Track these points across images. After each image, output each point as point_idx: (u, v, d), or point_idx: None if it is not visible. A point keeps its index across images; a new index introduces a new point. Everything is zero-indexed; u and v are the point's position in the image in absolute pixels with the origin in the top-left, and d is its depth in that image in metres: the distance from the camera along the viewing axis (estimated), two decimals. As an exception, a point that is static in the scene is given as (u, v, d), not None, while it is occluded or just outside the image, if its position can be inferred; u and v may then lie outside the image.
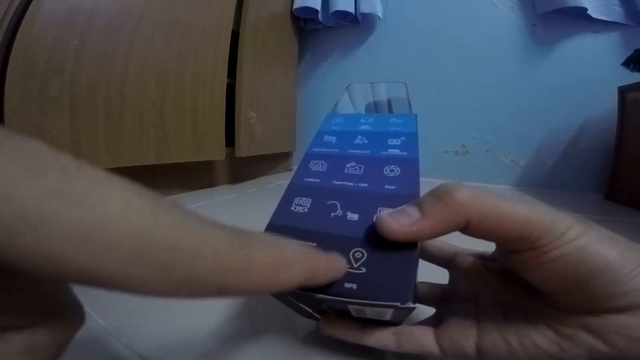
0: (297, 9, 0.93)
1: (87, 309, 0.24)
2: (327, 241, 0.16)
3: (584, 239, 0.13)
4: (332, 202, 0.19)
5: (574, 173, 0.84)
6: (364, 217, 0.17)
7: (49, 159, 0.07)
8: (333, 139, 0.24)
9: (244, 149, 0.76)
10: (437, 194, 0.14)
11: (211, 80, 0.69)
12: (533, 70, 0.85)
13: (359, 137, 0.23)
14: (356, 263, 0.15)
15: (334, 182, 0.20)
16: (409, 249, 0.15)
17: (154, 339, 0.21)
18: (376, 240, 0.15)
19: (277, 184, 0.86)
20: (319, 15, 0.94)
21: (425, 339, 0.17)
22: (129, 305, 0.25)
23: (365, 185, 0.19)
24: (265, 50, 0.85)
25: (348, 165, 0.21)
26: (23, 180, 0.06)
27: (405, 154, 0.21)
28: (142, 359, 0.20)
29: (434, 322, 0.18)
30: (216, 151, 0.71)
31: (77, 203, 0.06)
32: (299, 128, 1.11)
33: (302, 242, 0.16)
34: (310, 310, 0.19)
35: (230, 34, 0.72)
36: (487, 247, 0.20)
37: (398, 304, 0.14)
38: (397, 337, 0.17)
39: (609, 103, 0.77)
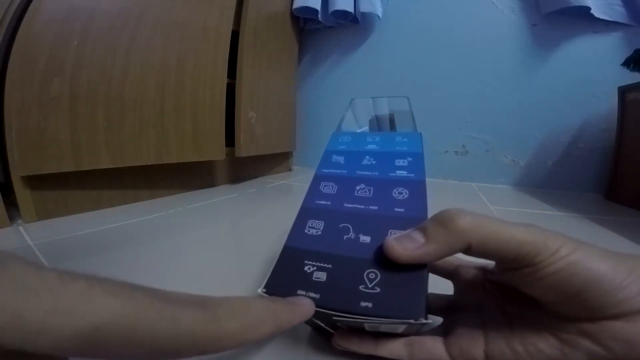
0: (296, 9, 0.93)
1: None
2: (341, 263, 0.17)
3: (575, 255, 0.14)
4: (345, 225, 0.19)
5: (574, 173, 0.84)
6: (375, 239, 0.18)
7: (36, 281, 0.09)
8: (341, 159, 0.25)
9: (244, 149, 0.76)
10: (440, 220, 0.15)
11: (211, 80, 0.68)
12: (533, 70, 0.85)
13: (367, 157, 0.24)
14: (370, 283, 0.16)
15: (345, 204, 0.21)
16: (419, 268, 0.16)
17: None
18: (388, 261, 0.16)
19: (277, 184, 0.86)
20: (319, 15, 0.94)
21: (436, 349, 0.18)
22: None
23: (376, 208, 0.20)
24: (265, 50, 0.85)
25: (358, 188, 0.22)
26: (25, 304, 0.08)
27: (412, 175, 0.22)
28: None
29: (442, 332, 0.19)
30: (216, 151, 0.71)
31: (69, 315, 0.09)
32: (299, 128, 1.11)
33: (269, 297, 0.16)
34: (324, 326, 0.19)
35: (230, 34, 0.72)
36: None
37: (412, 320, 0.15)
38: (409, 348, 0.18)
39: (609, 103, 0.77)
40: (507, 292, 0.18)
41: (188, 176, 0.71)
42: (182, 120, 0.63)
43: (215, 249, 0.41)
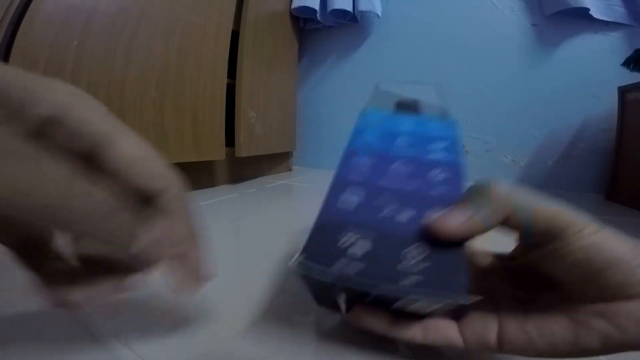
0: (295, 9, 0.93)
1: (90, 311, 0.24)
2: (379, 240, 0.17)
3: (599, 235, 0.15)
4: (379, 202, 0.19)
5: (574, 173, 0.84)
6: (413, 217, 0.18)
7: None
8: (373, 138, 0.24)
9: (244, 149, 0.76)
10: (480, 191, 0.16)
11: (211, 80, 0.68)
12: (533, 70, 0.85)
13: (401, 138, 0.23)
14: (412, 260, 0.16)
15: (379, 182, 0.20)
16: (457, 247, 0.16)
17: (156, 341, 0.21)
18: (427, 241, 0.16)
19: (277, 184, 0.86)
20: (318, 15, 0.94)
21: (450, 331, 0.18)
22: (132, 307, 0.25)
23: (412, 187, 0.19)
24: (265, 50, 0.85)
25: (392, 167, 0.21)
26: None
27: (449, 157, 0.21)
28: (143, 360, 0.20)
29: (453, 316, 0.19)
30: (216, 151, 0.71)
31: None
32: (299, 128, 1.11)
33: None
34: (341, 302, 0.18)
35: (230, 34, 0.72)
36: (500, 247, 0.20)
37: (458, 300, 0.15)
38: (424, 329, 0.18)
39: (609, 103, 0.77)
40: (521, 278, 0.19)
41: (188, 176, 0.71)
42: (182, 120, 0.63)
43: (214, 249, 0.40)
